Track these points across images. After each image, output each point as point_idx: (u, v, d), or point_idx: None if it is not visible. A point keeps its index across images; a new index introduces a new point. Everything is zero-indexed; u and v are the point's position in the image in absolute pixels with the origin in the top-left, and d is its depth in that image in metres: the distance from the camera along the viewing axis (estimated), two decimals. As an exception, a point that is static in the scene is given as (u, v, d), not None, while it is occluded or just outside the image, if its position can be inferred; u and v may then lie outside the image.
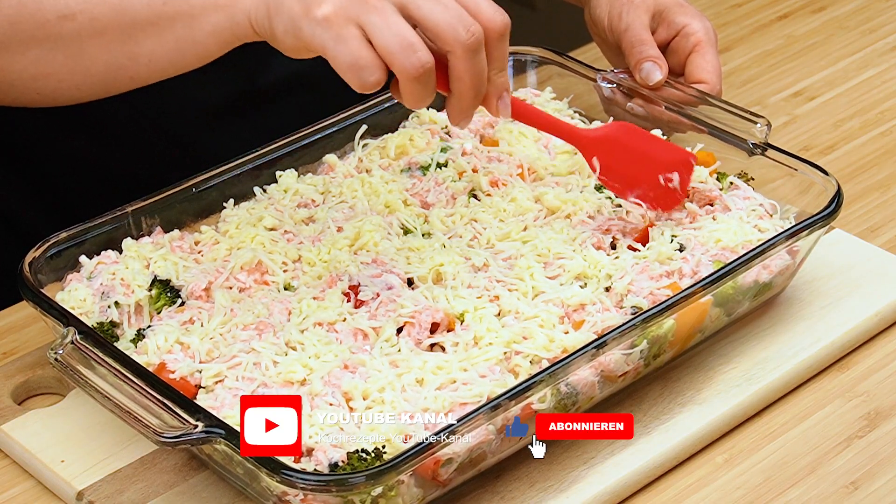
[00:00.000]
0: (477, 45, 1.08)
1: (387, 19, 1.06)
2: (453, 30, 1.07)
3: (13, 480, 1.18)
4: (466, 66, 1.09)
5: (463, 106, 1.11)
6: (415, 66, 1.06)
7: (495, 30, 1.09)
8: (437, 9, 1.07)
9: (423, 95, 1.09)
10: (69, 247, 1.25)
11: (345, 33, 1.06)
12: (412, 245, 1.25)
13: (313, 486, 1.02)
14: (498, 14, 1.10)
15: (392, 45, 1.06)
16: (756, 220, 1.27)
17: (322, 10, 1.06)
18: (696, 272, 1.21)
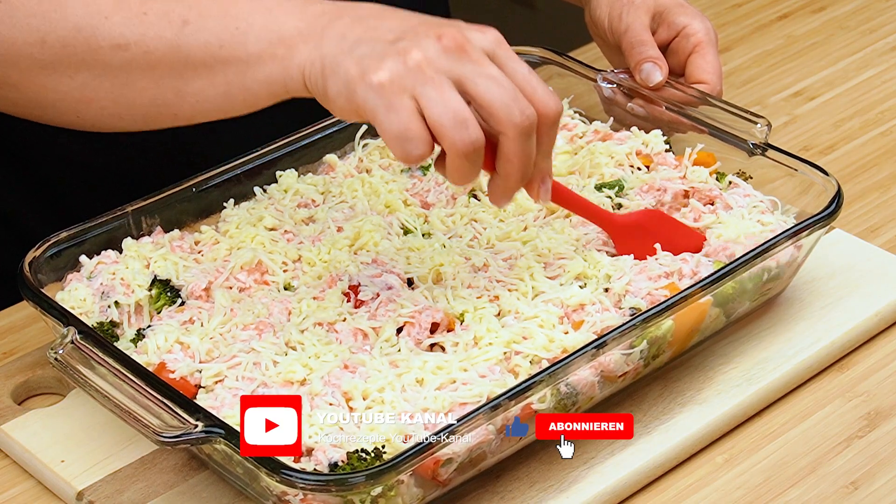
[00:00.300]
0: (529, 128, 1.06)
1: (442, 93, 1.03)
2: (508, 111, 1.05)
3: (13, 480, 1.18)
4: (516, 149, 1.06)
5: (507, 187, 1.09)
6: (465, 143, 1.04)
7: (549, 115, 1.07)
8: (494, 88, 1.05)
9: (470, 173, 1.06)
10: (69, 247, 1.25)
11: (398, 103, 1.03)
12: (412, 245, 1.25)
13: (313, 486, 1.02)
14: (552, 100, 1.07)
15: (444, 120, 1.03)
16: (758, 215, 1.27)
17: (378, 76, 1.04)
18: (696, 272, 1.21)
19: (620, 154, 1.34)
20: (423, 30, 1.06)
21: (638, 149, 1.35)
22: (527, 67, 1.08)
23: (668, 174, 1.32)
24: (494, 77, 1.05)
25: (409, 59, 1.04)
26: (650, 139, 1.36)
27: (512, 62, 1.07)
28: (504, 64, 1.07)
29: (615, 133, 1.39)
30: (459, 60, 1.05)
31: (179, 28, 1.11)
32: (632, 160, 1.34)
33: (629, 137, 1.37)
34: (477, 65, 1.06)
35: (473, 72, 1.05)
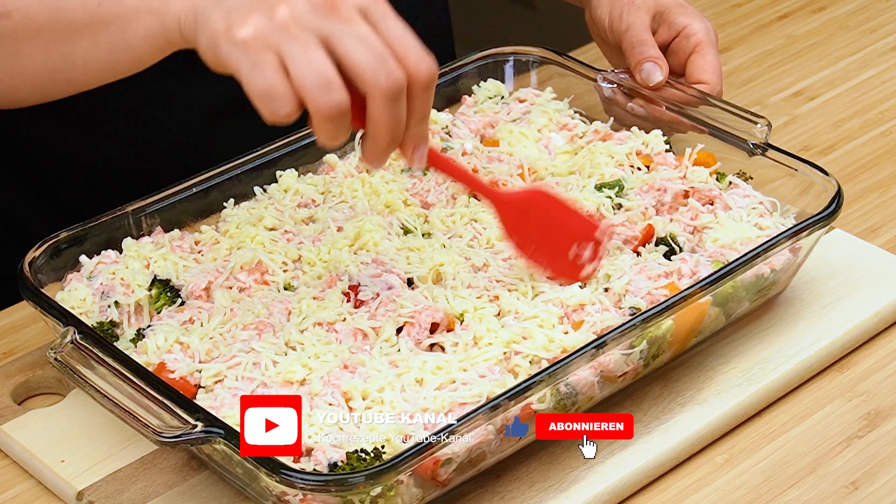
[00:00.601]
0: (396, 92, 1.04)
1: (307, 52, 1.02)
2: (374, 72, 1.03)
3: (13, 480, 1.18)
4: (382, 112, 1.04)
5: (376, 149, 1.07)
6: (328, 106, 1.02)
7: (420, 79, 1.05)
8: (361, 48, 1.03)
9: (336, 134, 1.05)
10: (69, 247, 1.25)
11: (261, 60, 1.02)
12: (412, 245, 1.25)
13: (312, 486, 1.02)
14: (424, 63, 1.05)
15: (308, 81, 1.02)
16: (756, 217, 1.27)
17: (242, 32, 1.02)
18: (695, 272, 1.21)
19: (620, 154, 1.34)
20: None
21: (638, 149, 1.35)
22: (402, 26, 1.06)
23: (668, 174, 1.32)
24: (363, 37, 1.03)
25: (275, 15, 1.03)
26: (650, 139, 1.36)
27: (386, 21, 1.05)
28: (377, 23, 1.05)
29: (615, 133, 1.39)
30: (328, 18, 1.03)
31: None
32: (632, 160, 1.34)
33: (629, 137, 1.37)
34: (346, 23, 1.03)
35: (341, 31, 1.03)
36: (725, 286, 1.19)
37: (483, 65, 1.47)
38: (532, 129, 1.39)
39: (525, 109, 1.43)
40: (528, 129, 1.39)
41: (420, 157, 1.09)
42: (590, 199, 1.29)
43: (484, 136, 1.41)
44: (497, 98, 1.45)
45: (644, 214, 1.28)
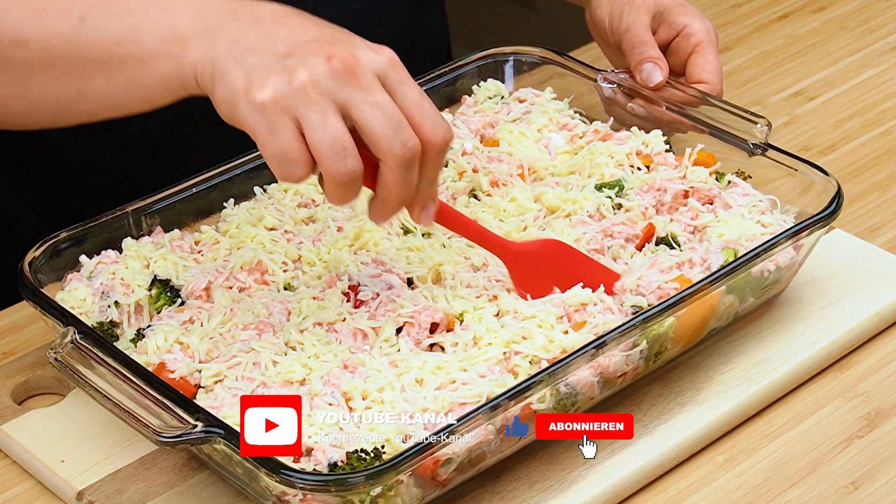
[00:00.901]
0: (412, 160, 1.05)
1: (324, 118, 1.03)
2: (389, 141, 1.04)
3: (13, 480, 1.18)
4: (395, 178, 1.06)
5: (385, 211, 1.09)
6: (341, 172, 1.04)
7: (435, 145, 1.06)
8: (378, 116, 1.04)
9: (347, 198, 1.06)
10: (69, 247, 1.25)
11: (279, 123, 1.03)
12: (412, 245, 1.25)
13: (312, 486, 1.02)
14: (440, 129, 1.06)
15: (323, 147, 1.03)
16: (758, 215, 1.27)
17: (261, 94, 1.03)
18: (706, 259, 1.21)
19: (620, 154, 1.34)
20: (315, 47, 1.05)
21: (638, 149, 1.35)
22: (418, 92, 1.07)
23: (668, 174, 1.32)
24: (380, 104, 1.04)
25: (294, 79, 1.03)
26: (650, 139, 1.36)
27: (403, 87, 1.06)
28: (395, 89, 1.06)
29: (615, 133, 1.39)
30: (347, 84, 1.04)
31: (77, 24, 1.11)
32: (632, 160, 1.34)
33: (629, 137, 1.37)
34: (364, 90, 1.05)
35: (359, 98, 1.04)
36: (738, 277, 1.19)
37: (483, 65, 1.47)
38: (532, 129, 1.39)
39: (525, 109, 1.43)
40: (528, 129, 1.39)
41: (427, 216, 1.11)
42: (590, 199, 1.29)
43: (484, 136, 1.41)
44: (497, 98, 1.45)
45: (644, 214, 1.28)
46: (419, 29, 1.57)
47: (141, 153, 1.47)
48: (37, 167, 1.48)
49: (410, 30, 1.55)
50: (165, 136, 1.47)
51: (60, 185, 1.49)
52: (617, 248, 1.25)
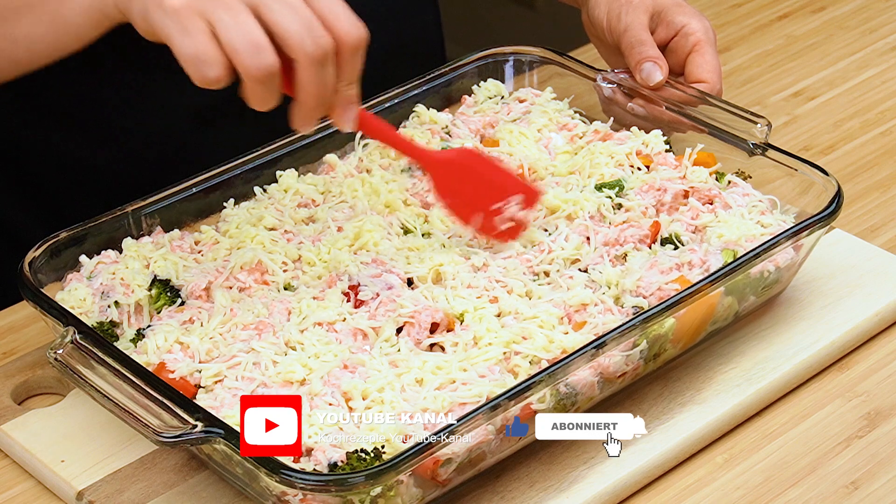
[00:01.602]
0: (323, 57, 1.07)
1: (236, 18, 1.05)
2: (300, 39, 1.06)
3: (13, 480, 1.18)
4: (310, 77, 1.07)
5: (304, 112, 1.10)
6: (258, 68, 1.05)
7: (349, 44, 1.08)
8: (289, 15, 1.06)
9: (267, 97, 1.07)
10: (69, 247, 1.25)
11: (191, 26, 1.05)
12: (412, 245, 1.25)
13: (312, 486, 1.02)
14: (354, 28, 1.08)
15: (238, 44, 1.05)
16: (758, 215, 1.27)
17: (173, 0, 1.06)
18: (705, 261, 1.21)
19: (620, 154, 1.34)
20: None
21: (638, 149, 1.35)
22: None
23: (668, 174, 1.32)
24: (290, 4, 1.06)
25: None
26: (650, 139, 1.36)
27: None
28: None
29: (615, 133, 1.39)
30: None
31: None
32: (632, 160, 1.34)
33: (629, 137, 1.37)
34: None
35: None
36: (737, 280, 1.19)
37: (483, 65, 1.47)
38: (532, 129, 1.39)
39: (525, 109, 1.43)
40: (528, 129, 1.39)
41: (348, 119, 1.13)
42: (590, 200, 1.29)
43: (484, 136, 1.41)
44: (497, 98, 1.45)
45: (644, 214, 1.28)
46: (411, 28, 1.57)
47: (139, 155, 1.47)
48: (33, 169, 1.48)
49: (401, 29, 1.55)
50: (159, 139, 1.47)
51: (54, 188, 1.49)
52: (631, 250, 1.25)
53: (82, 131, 1.45)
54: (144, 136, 1.47)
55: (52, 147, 1.46)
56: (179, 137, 1.47)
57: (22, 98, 1.44)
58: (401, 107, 1.42)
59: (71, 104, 1.38)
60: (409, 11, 1.56)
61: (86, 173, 1.47)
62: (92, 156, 1.46)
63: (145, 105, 1.44)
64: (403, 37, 1.56)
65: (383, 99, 1.41)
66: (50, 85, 1.42)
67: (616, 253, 1.25)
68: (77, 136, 1.45)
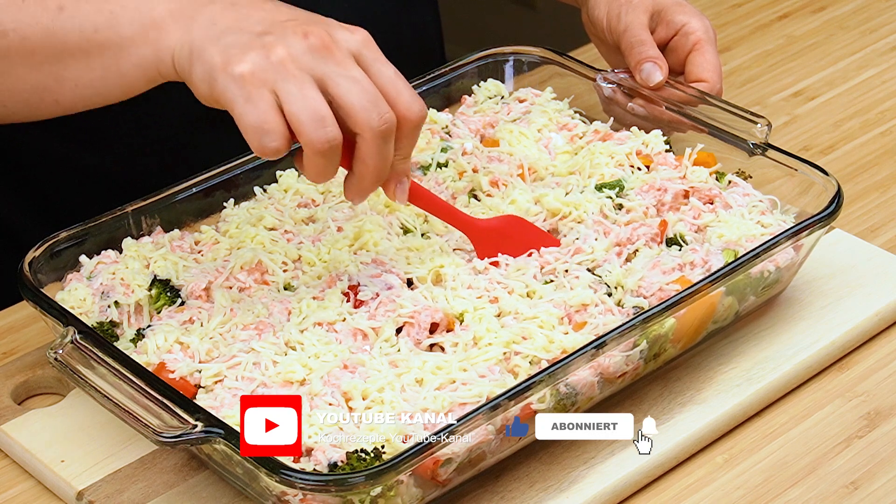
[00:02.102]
0: (388, 133, 1.07)
1: (302, 90, 1.05)
2: (366, 114, 1.06)
3: (13, 480, 1.18)
4: (372, 152, 1.08)
5: (362, 187, 1.11)
6: (321, 141, 1.05)
7: (410, 120, 1.09)
8: (355, 89, 1.06)
9: (326, 170, 1.08)
10: (69, 247, 1.25)
11: (257, 95, 1.05)
12: (412, 245, 1.25)
13: (312, 486, 1.02)
14: (415, 105, 1.09)
15: (303, 116, 1.05)
16: (758, 215, 1.27)
17: (240, 67, 1.05)
18: (706, 261, 1.21)
19: (620, 154, 1.34)
20: (292, 26, 1.08)
21: (638, 149, 1.35)
22: (393, 70, 1.09)
23: (668, 174, 1.32)
24: (356, 79, 1.07)
25: (272, 54, 1.05)
26: (650, 139, 1.36)
27: (378, 64, 1.09)
28: (370, 66, 1.08)
29: (615, 133, 1.39)
30: (323, 60, 1.07)
31: (55, 13, 1.13)
32: (632, 160, 1.34)
33: (629, 137, 1.37)
34: (340, 66, 1.07)
35: (335, 72, 1.06)
36: (737, 280, 1.19)
37: (483, 65, 1.47)
38: (532, 129, 1.39)
39: (525, 109, 1.43)
40: (528, 129, 1.39)
41: (402, 191, 1.14)
42: (591, 201, 1.29)
43: (484, 136, 1.41)
44: (497, 98, 1.45)
45: (646, 214, 1.28)
46: (409, 28, 1.57)
47: (137, 156, 1.47)
48: (30, 171, 1.48)
49: (399, 29, 1.55)
50: (156, 140, 1.47)
51: (54, 189, 1.49)
52: (643, 247, 1.25)
53: (80, 133, 1.45)
54: (143, 137, 1.46)
55: (49, 149, 1.46)
56: (178, 139, 1.47)
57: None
58: (401, 107, 1.42)
59: None
60: (408, 11, 1.56)
61: (84, 175, 1.47)
62: (90, 158, 1.46)
63: (143, 107, 1.44)
64: (403, 37, 1.56)
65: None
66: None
67: (628, 252, 1.25)
68: (75, 138, 1.45)
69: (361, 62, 1.08)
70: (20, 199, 1.50)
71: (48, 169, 1.48)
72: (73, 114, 1.36)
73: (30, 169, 1.48)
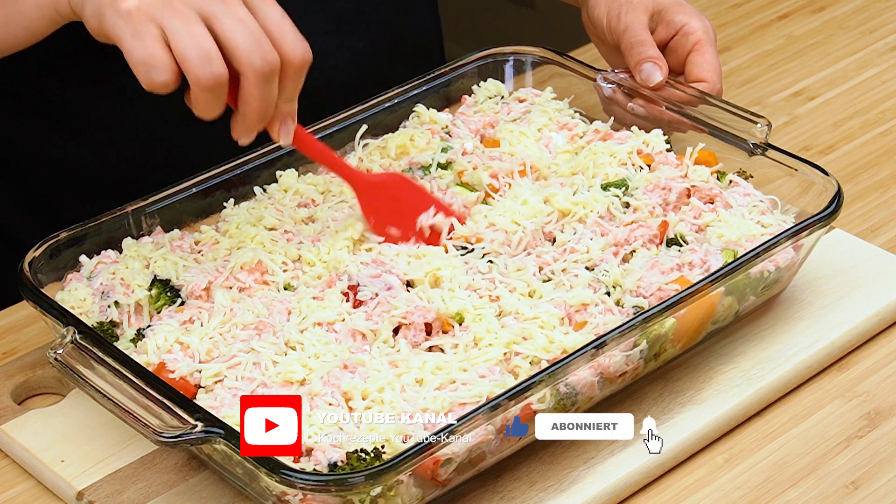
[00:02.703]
0: (270, 73, 1.10)
1: (189, 26, 1.08)
2: (249, 53, 1.09)
3: (13, 480, 1.18)
4: (254, 90, 1.10)
5: (246, 125, 1.13)
6: (207, 77, 1.08)
7: (293, 62, 1.11)
8: (239, 29, 1.09)
9: (213, 106, 1.10)
10: (69, 246, 1.25)
11: (143, 30, 1.07)
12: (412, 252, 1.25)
13: (312, 486, 1.02)
14: (299, 47, 1.11)
15: (189, 52, 1.07)
16: (758, 215, 1.27)
17: (127, 3, 1.08)
18: (705, 261, 1.21)
19: (622, 153, 1.34)
20: None
21: (639, 148, 1.35)
22: (279, 12, 1.12)
23: (671, 173, 1.32)
24: (241, 19, 1.09)
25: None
26: (651, 139, 1.36)
27: (264, 6, 1.11)
28: (256, 7, 1.11)
29: (615, 133, 1.39)
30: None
31: None
32: (633, 159, 1.34)
33: (629, 137, 1.37)
34: (226, 5, 1.09)
35: (221, 11, 1.09)
36: (737, 280, 1.19)
37: (483, 65, 1.47)
38: (532, 129, 1.39)
39: (525, 109, 1.43)
40: (529, 128, 1.39)
41: (286, 133, 1.16)
42: (599, 200, 1.29)
43: (484, 136, 1.41)
44: (497, 98, 1.45)
45: (652, 213, 1.28)
46: (407, 29, 1.57)
47: (134, 158, 1.47)
48: (27, 173, 1.48)
49: (397, 29, 1.55)
50: (153, 142, 1.47)
51: (51, 191, 1.49)
52: (640, 248, 1.25)
53: (77, 135, 1.45)
54: (140, 139, 1.46)
55: (46, 151, 1.46)
56: (176, 140, 1.47)
57: (15, 102, 1.44)
58: (401, 107, 1.42)
59: (65, 108, 1.39)
60: (408, 11, 1.56)
61: (81, 177, 1.47)
62: (88, 160, 1.46)
63: (140, 108, 1.44)
64: (403, 37, 1.56)
65: (383, 99, 1.41)
66: (43, 89, 1.42)
67: (625, 252, 1.24)
68: (72, 140, 1.45)
69: (248, 3, 1.11)
70: (18, 202, 1.50)
71: (46, 172, 1.48)
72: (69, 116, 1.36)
73: (26, 172, 1.48)
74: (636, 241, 1.25)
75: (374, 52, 1.52)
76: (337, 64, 1.49)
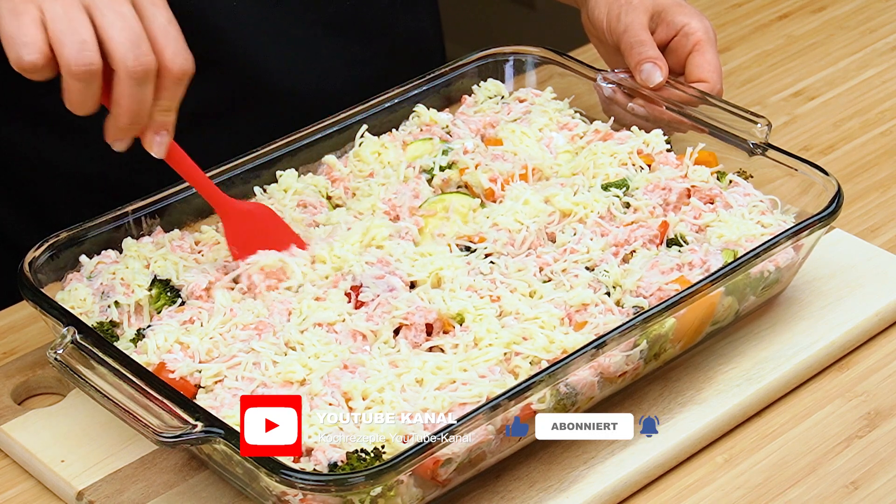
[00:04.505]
0: (143, 74, 1.07)
1: (68, 12, 1.05)
2: (123, 51, 1.06)
3: (13, 480, 1.18)
4: (124, 92, 1.08)
5: (116, 127, 1.11)
6: (77, 63, 1.05)
7: (172, 70, 1.08)
8: (118, 24, 1.07)
9: (84, 98, 1.08)
10: (69, 247, 1.25)
11: (23, 10, 1.05)
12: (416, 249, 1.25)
13: (312, 486, 1.02)
14: (180, 57, 1.09)
15: (64, 37, 1.05)
16: (758, 215, 1.27)
17: None
18: (705, 261, 1.21)
19: (622, 153, 1.34)
20: None
21: (639, 148, 1.35)
22: (167, 17, 1.09)
23: (671, 173, 1.32)
24: (123, 14, 1.07)
25: None
26: (651, 139, 1.36)
27: (153, 8, 1.09)
28: (143, 7, 1.08)
29: (615, 133, 1.39)
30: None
31: None
32: (633, 160, 1.34)
33: (629, 137, 1.37)
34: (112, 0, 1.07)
35: (104, 3, 1.06)
36: (737, 280, 1.19)
37: (483, 65, 1.47)
38: (533, 129, 1.39)
39: (525, 109, 1.43)
40: (529, 128, 1.39)
41: (159, 145, 1.13)
42: (600, 201, 1.29)
43: (484, 136, 1.41)
44: (497, 98, 1.45)
45: (652, 213, 1.28)
46: (405, 30, 1.57)
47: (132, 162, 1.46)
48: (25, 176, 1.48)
49: (401, 29, 1.55)
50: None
51: (51, 194, 1.49)
52: (640, 248, 1.25)
53: (76, 139, 1.45)
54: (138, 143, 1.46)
55: (44, 156, 1.46)
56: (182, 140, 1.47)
57: (11, 105, 1.44)
58: (401, 107, 1.42)
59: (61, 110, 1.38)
60: (408, 11, 1.56)
61: (79, 181, 1.47)
62: (86, 164, 1.46)
63: None
64: (403, 37, 1.56)
65: (383, 99, 1.41)
66: (40, 91, 1.42)
67: (625, 253, 1.24)
68: (71, 144, 1.45)
69: (136, 2, 1.08)
70: (16, 204, 1.50)
71: (43, 174, 1.48)
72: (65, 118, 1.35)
73: (24, 174, 1.48)
74: (636, 241, 1.25)
75: (370, 56, 1.52)
76: (330, 68, 1.49)
